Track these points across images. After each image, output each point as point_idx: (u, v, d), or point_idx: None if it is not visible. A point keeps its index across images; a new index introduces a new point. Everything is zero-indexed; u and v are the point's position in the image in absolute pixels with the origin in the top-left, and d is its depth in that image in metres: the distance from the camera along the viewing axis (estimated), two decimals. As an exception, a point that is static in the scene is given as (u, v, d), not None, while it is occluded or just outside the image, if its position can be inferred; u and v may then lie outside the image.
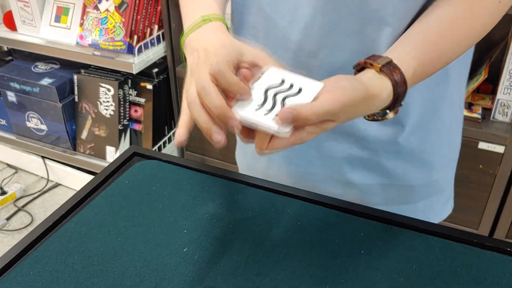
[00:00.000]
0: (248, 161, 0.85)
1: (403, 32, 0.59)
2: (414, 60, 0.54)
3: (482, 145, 1.48)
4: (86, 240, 0.62)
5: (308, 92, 0.51)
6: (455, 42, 0.57)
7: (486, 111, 1.53)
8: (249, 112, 0.50)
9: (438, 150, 0.73)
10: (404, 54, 0.54)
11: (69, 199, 0.69)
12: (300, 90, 0.51)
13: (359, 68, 0.55)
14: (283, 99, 0.51)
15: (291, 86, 0.52)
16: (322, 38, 0.62)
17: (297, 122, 0.47)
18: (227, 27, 0.59)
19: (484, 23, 0.57)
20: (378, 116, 0.56)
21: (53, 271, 0.58)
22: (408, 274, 0.57)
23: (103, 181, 0.73)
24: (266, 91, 0.52)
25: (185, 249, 0.61)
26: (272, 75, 0.53)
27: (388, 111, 0.55)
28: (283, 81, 0.53)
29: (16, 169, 2.30)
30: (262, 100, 0.51)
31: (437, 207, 0.78)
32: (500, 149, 1.47)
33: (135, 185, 0.71)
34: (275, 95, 0.51)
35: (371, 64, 0.52)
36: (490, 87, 1.59)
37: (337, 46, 0.62)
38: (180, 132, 0.53)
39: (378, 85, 0.52)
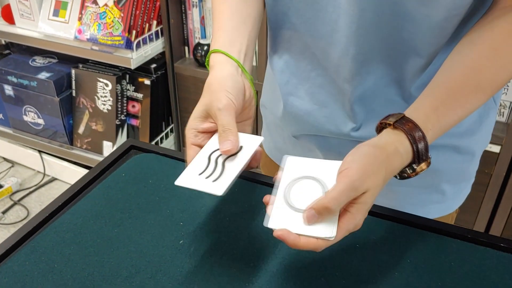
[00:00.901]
0: (278, 144, 0.84)
1: (433, 59, 0.60)
2: (433, 112, 0.54)
3: (478, 145, 1.49)
4: (82, 231, 0.63)
5: (247, 149, 0.57)
6: (480, 89, 0.55)
7: (483, 111, 1.53)
8: (191, 178, 0.56)
9: (473, 144, 0.72)
10: (421, 106, 0.55)
11: (65, 190, 0.69)
12: (240, 148, 0.57)
13: (378, 130, 0.56)
14: (224, 161, 0.56)
15: None
16: (356, 65, 0.62)
17: (323, 216, 0.48)
18: (237, 63, 0.61)
19: (510, 69, 0.55)
20: (410, 173, 0.55)
21: (49, 261, 0.58)
22: (402, 268, 0.57)
23: (99, 173, 0.73)
24: (209, 156, 0.57)
25: (181, 241, 0.61)
26: (213, 140, 0.59)
27: (415, 165, 0.54)
28: None
29: (13, 163, 2.29)
30: (206, 164, 0.56)
31: (463, 193, 0.79)
32: (496, 148, 1.47)
33: (132, 178, 0.71)
34: (216, 158, 0.57)
35: (386, 123, 0.54)
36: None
37: (369, 72, 0.63)
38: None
39: (392, 142, 0.52)
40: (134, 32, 1.71)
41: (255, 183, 0.70)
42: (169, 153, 0.76)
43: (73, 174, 2.12)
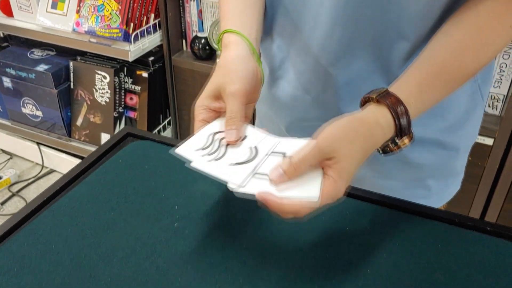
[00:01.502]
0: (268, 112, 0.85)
1: (420, 44, 0.60)
2: (415, 87, 0.55)
3: (472, 137, 1.50)
4: (79, 214, 0.64)
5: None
6: (463, 68, 0.57)
7: (477, 104, 1.55)
8: (191, 151, 0.56)
9: (457, 139, 0.73)
10: (404, 82, 0.56)
11: (63, 175, 0.71)
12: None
13: (361, 104, 0.57)
14: (227, 145, 0.57)
15: None
16: (341, 48, 0.63)
17: (290, 174, 0.49)
18: (249, 42, 0.62)
19: (493, 48, 0.57)
20: (393, 147, 0.56)
21: (47, 243, 0.60)
22: (390, 250, 0.59)
23: (97, 159, 0.75)
24: (214, 135, 0.58)
25: (176, 224, 0.62)
26: (219, 121, 0.60)
27: (397, 139, 0.55)
28: None
29: (11, 155, 2.31)
30: (208, 142, 0.57)
31: (450, 188, 0.80)
32: (489, 141, 1.49)
33: (128, 164, 0.73)
34: (220, 140, 0.58)
35: (369, 97, 0.55)
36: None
37: (355, 56, 0.64)
38: None
39: (374, 114, 0.53)
40: (132, 24, 1.72)
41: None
42: (165, 140, 0.78)
43: (71, 166, 2.11)
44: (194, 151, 0.56)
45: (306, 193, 0.49)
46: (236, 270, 0.56)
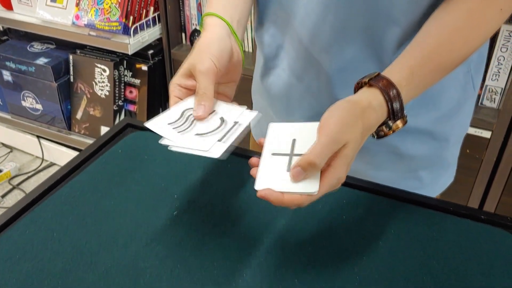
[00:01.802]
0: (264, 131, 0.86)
1: (411, 31, 0.61)
2: (406, 69, 0.56)
3: (470, 130, 1.50)
4: (80, 203, 0.65)
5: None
6: (455, 51, 0.57)
7: (475, 97, 1.56)
8: (160, 125, 0.60)
9: (448, 129, 0.74)
10: (396, 65, 0.57)
11: (64, 165, 0.72)
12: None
13: (354, 89, 0.58)
14: (193, 120, 0.60)
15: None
16: (333, 34, 0.64)
17: (308, 171, 0.50)
18: (229, 25, 0.63)
19: (485, 31, 0.58)
20: (387, 131, 0.57)
21: (48, 230, 0.61)
22: (386, 238, 0.60)
23: (97, 150, 0.75)
24: (183, 112, 0.61)
25: (175, 213, 0.63)
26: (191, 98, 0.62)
27: (390, 122, 0.56)
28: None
29: (11, 149, 2.31)
30: (177, 117, 0.60)
31: (443, 179, 0.81)
32: (487, 134, 1.50)
33: (128, 154, 0.74)
34: (189, 116, 0.60)
35: (362, 83, 0.56)
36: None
37: (347, 42, 0.65)
38: None
39: (366, 96, 0.54)
40: (131, 18, 1.73)
41: (247, 158, 0.72)
42: (164, 131, 0.79)
43: (71, 159, 2.14)
44: (164, 125, 0.59)
45: (305, 188, 0.50)
46: (234, 257, 0.57)
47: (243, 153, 0.73)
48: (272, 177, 0.52)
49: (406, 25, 0.62)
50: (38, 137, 2.18)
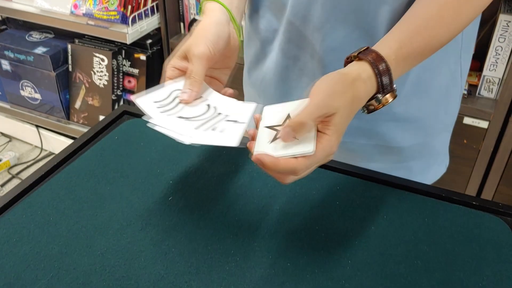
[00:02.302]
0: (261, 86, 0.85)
1: (402, 10, 0.61)
2: (395, 43, 0.56)
3: (467, 120, 1.52)
4: (76, 188, 0.66)
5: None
6: (444, 27, 0.57)
7: (473, 88, 1.56)
8: (147, 102, 0.60)
9: (435, 117, 0.75)
10: (385, 40, 0.57)
11: (60, 151, 0.73)
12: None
13: (344, 64, 0.58)
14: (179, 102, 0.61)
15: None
16: (324, 14, 0.65)
17: (298, 131, 0.50)
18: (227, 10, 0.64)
19: (475, 5, 0.57)
20: (377, 105, 0.56)
21: (45, 215, 0.62)
22: (378, 223, 0.61)
23: (93, 136, 0.76)
24: (172, 92, 0.62)
25: (170, 198, 0.64)
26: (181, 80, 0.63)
27: (380, 95, 0.55)
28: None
29: (10, 138, 2.32)
30: (165, 97, 0.61)
31: (433, 169, 0.82)
32: (484, 124, 1.50)
33: (124, 141, 0.74)
34: (176, 97, 0.62)
35: (351, 57, 0.56)
36: (477, 64, 1.62)
37: (339, 21, 0.65)
38: None
39: (355, 69, 0.54)
40: (129, 7, 1.72)
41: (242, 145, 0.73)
42: (160, 118, 0.79)
43: (70, 149, 2.14)
44: (151, 103, 0.60)
45: (301, 149, 0.50)
46: (228, 241, 0.58)
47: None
48: (267, 146, 0.52)
49: (397, 5, 0.62)
50: (37, 126, 2.18)
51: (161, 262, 0.55)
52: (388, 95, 0.56)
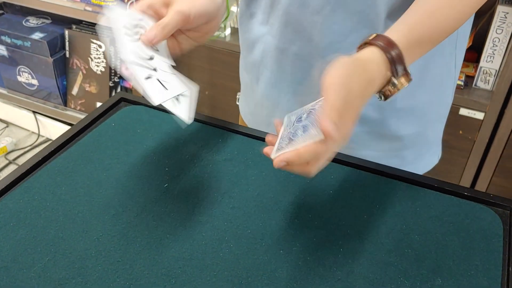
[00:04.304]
0: (251, 109, 0.88)
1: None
2: (404, 26, 0.56)
3: (463, 111, 1.53)
4: (73, 174, 0.66)
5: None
6: (454, 9, 0.58)
7: (469, 79, 1.56)
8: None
9: (429, 107, 0.75)
10: (395, 25, 0.57)
11: (58, 137, 0.73)
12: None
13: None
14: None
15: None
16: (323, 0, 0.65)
17: (332, 120, 0.48)
18: None
19: None
20: (392, 89, 0.56)
21: (41, 200, 0.62)
22: (371, 212, 0.62)
23: (90, 123, 0.76)
24: (137, 23, 0.61)
25: (166, 185, 0.65)
26: None
27: (395, 80, 0.56)
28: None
29: (7, 124, 2.32)
30: (134, 23, 0.61)
31: (425, 158, 0.82)
32: (480, 115, 1.51)
33: (121, 128, 0.75)
34: (138, 31, 0.61)
35: (363, 44, 0.56)
36: (475, 56, 1.62)
37: (339, 4, 0.65)
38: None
39: (367, 54, 0.54)
40: (127, -7, 1.72)
41: (237, 134, 0.74)
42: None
43: (67, 135, 2.14)
44: (120, 17, 0.60)
45: (314, 132, 0.49)
46: (222, 228, 0.59)
47: (234, 128, 0.74)
48: (284, 146, 0.52)
49: None
50: (34, 112, 2.18)
51: (155, 247, 0.56)
52: (403, 79, 0.56)
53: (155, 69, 0.60)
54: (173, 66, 0.64)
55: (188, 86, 0.62)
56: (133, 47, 0.59)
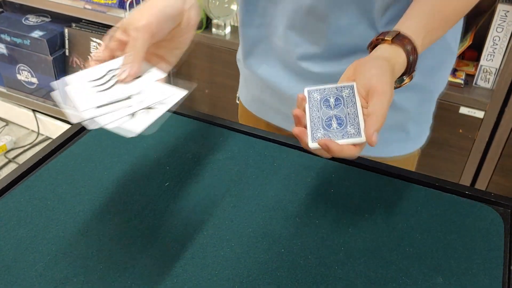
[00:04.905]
0: (255, 92, 0.87)
1: None
2: (422, 29, 0.58)
3: (463, 110, 1.53)
4: (74, 173, 0.66)
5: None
6: (458, 8, 0.61)
7: (469, 77, 1.56)
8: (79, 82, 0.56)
9: (430, 83, 0.76)
10: (413, 25, 0.59)
11: (58, 136, 0.73)
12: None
13: (372, 46, 0.59)
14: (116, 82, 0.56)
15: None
16: (330, 3, 0.66)
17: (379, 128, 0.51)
18: None
19: None
20: (397, 84, 0.60)
21: (42, 199, 0.62)
22: (372, 211, 0.62)
23: (91, 121, 0.76)
24: (109, 70, 0.57)
25: (167, 183, 0.65)
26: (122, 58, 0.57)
27: (404, 77, 0.60)
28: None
29: (7, 122, 2.32)
30: (101, 75, 0.56)
31: (424, 134, 0.83)
32: (480, 114, 1.51)
33: (122, 126, 0.75)
34: (113, 76, 0.56)
35: (383, 39, 0.57)
36: (475, 54, 1.62)
37: (343, 10, 0.66)
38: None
39: (394, 55, 0.57)
40: (127, -9, 1.71)
41: (238, 132, 0.74)
42: (157, 104, 0.79)
43: (67, 134, 2.14)
44: (83, 82, 0.56)
45: (358, 139, 0.51)
46: (223, 227, 0.59)
47: (235, 127, 0.74)
48: (323, 133, 0.53)
49: None
50: (33, 111, 2.18)
51: (157, 246, 0.56)
52: (407, 78, 0.60)
53: (130, 105, 0.54)
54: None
55: (172, 94, 0.56)
56: (105, 94, 0.55)
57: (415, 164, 0.84)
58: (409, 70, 0.58)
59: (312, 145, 0.52)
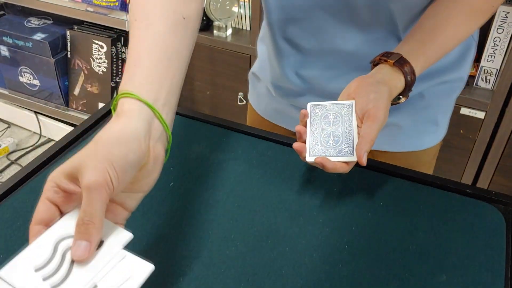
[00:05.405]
0: (277, 106, 0.88)
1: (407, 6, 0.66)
2: (422, 56, 0.63)
3: (464, 111, 1.53)
4: (79, 173, 0.67)
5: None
6: (456, 39, 0.66)
7: (470, 78, 1.57)
8: (22, 273, 0.40)
9: (451, 73, 0.78)
10: (413, 50, 0.63)
11: (61, 138, 0.73)
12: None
13: (375, 63, 0.64)
14: (72, 261, 0.41)
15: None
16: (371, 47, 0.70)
17: (368, 150, 0.56)
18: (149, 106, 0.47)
19: (480, 22, 0.66)
20: (393, 102, 0.63)
21: (48, 199, 0.63)
22: (375, 210, 0.62)
23: (94, 123, 0.77)
24: (57, 244, 0.42)
25: (171, 184, 0.65)
26: (72, 218, 0.43)
27: (400, 96, 0.64)
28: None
29: (9, 124, 2.32)
30: (48, 255, 0.41)
31: (446, 125, 0.85)
32: (481, 115, 1.52)
33: (126, 127, 0.75)
34: (64, 252, 0.41)
35: (385, 60, 0.62)
36: (475, 55, 1.63)
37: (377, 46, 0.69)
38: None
39: (394, 78, 0.61)
40: (129, -7, 1.72)
41: (241, 133, 0.74)
42: (161, 105, 0.80)
43: (68, 136, 2.15)
44: (28, 275, 0.40)
45: (351, 157, 0.57)
46: (228, 226, 0.59)
47: (238, 128, 0.75)
48: (320, 148, 0.58)
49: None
50: (35, 113, 2.18)
51: (163, 246, 0.57)
52: (403, 98, 0.65)
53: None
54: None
55: (135, 272, 0.44)
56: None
57: (438, 152, 0.87)
58: (406, 91, 0.63)
59: (310, 159, 0.58)
